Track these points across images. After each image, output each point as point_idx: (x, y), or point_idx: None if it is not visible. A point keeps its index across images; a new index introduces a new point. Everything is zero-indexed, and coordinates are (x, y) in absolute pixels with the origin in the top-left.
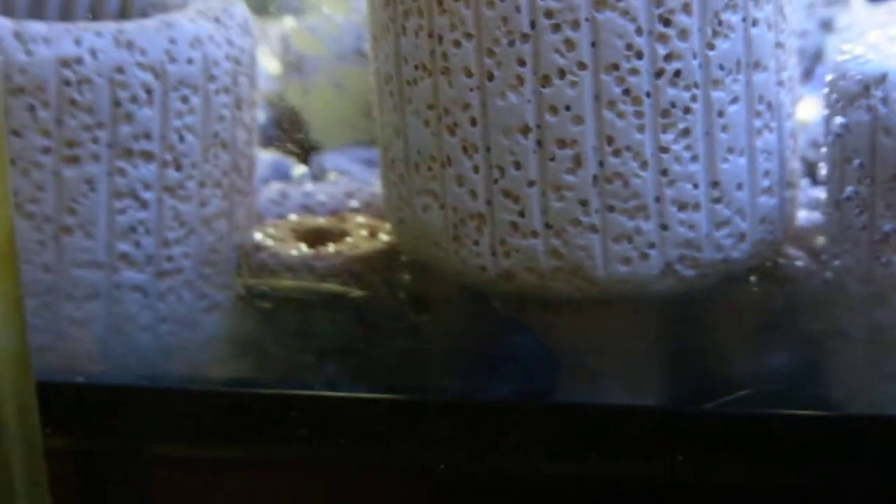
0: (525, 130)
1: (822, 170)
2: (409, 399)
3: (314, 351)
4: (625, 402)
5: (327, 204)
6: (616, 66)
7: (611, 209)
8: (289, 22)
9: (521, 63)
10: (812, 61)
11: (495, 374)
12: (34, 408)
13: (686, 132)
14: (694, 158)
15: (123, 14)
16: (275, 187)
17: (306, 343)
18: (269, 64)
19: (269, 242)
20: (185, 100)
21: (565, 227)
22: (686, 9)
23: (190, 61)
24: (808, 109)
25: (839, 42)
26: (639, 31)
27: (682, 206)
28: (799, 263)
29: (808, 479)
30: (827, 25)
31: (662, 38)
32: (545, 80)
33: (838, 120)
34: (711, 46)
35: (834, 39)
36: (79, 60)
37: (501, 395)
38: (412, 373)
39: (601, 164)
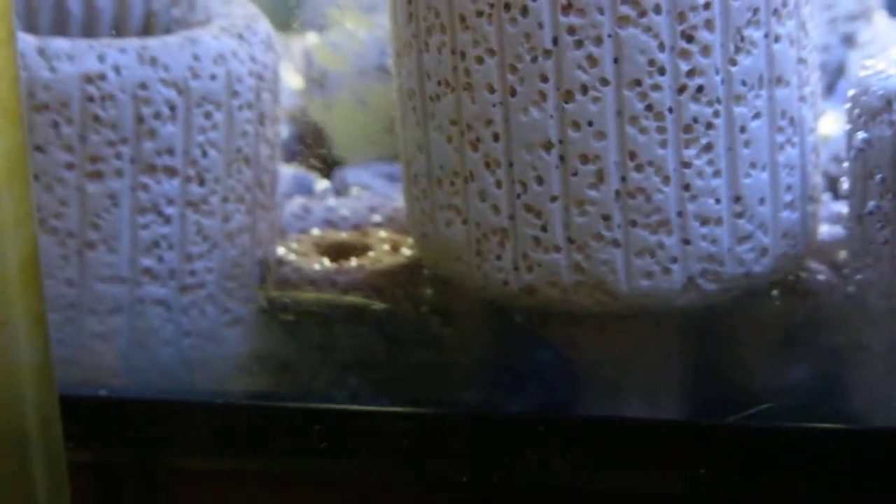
0: (548, 146)
1: (845, 184)
2: (432, 412)
3: (336, 364)
4: (646, 416)
5: (350, 219)
6: (639, 82)
7: (633, 224)
8: (312, 38)
9: (544, 79)
10: (834, 76)
11: (516, 389)
12: (57, 421)
13: (708, 147)
14: (716, 173)
15: (147, 30)
16: (298, 202)
17: (328, 356)
18: (292, 80)
19: (292, 257)
20: (208, 115)
21: (588, 242)
22: (708, 25)
23: (213, 77)
24: (831, 124)
25: (861, 57)
26: (661, 48)
27: (705, 221)
28: (821, 277)
29: (830, 493)
30: (849, 40)
31: (685, 54)
32: (568, 96)
33: (860, 135)
34: (734, 62)
35: (856, 54)
36: (102, 77)
37: (523, 409)
38: (433, 386)
39: (623, 179)
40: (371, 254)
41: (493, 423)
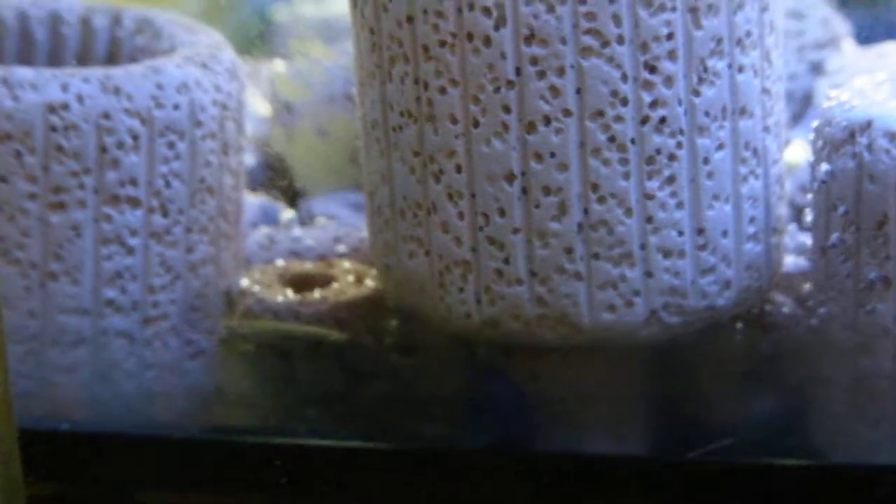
0: (510, 177)
1: (809, 216)
2: (391, 448)
3: (296, 397)
4: (607, 451)
5: (315, 248)
6: (601, 113)
7: (595, 256)
8: (280, 65)
9: (507, 110)
10: (802, 104)
11: (473, 422)
12: (16, 455)
13: (671, 179)
14: (679, 205)
15: (112, 60)
16: (263, 231)
17: (286, 388)
18: (260, 106)
19: (256, 288)
20: (171, 145)
21: (550, 275)
22: (671, 56)
23: (177, 107)
24: (799, 153)
25: (829, 85)
26: (624, 78)
27: (667, 254)
28: (785, 310)
29: None
30: (817, 68)
31: (648, 85)
32: (530, 127)
33: (824, 166)
34: (697, 93)
35: (824, 82)
36: (65, 106)
37: (483, 443)
38: (392, 419)
39: (586, 211)
40: (335, 285)
41: (454, 458)
